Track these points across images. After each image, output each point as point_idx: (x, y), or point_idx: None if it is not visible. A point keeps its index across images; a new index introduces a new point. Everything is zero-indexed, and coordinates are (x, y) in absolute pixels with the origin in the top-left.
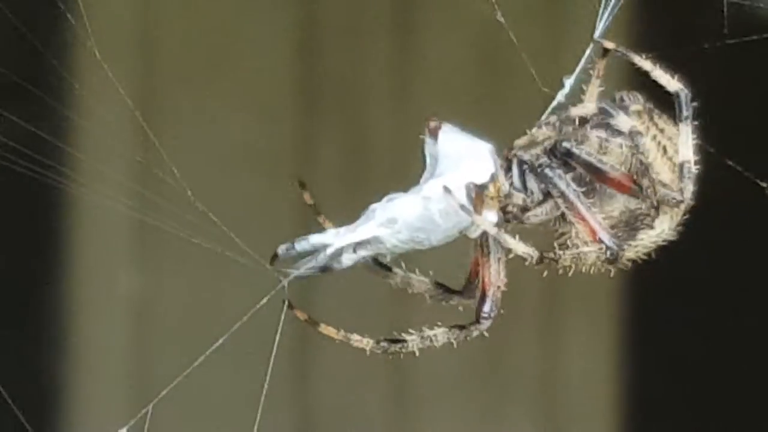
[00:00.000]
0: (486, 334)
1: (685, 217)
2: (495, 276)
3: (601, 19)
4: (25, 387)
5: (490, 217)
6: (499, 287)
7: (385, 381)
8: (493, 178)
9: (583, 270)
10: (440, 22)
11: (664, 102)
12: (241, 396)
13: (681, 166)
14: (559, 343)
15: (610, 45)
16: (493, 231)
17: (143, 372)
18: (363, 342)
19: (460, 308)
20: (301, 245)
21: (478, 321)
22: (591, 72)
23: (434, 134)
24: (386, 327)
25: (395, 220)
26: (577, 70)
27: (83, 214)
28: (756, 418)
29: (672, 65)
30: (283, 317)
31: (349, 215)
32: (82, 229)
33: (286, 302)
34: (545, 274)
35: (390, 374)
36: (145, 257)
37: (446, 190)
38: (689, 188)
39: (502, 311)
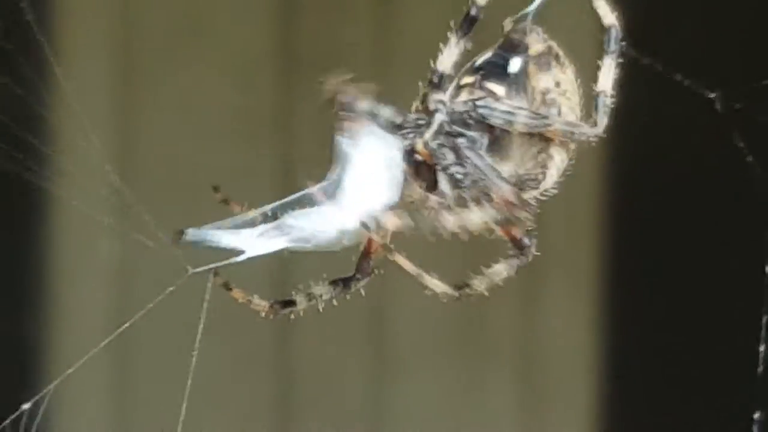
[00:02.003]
0: (363, 291)
1: (567, 172)
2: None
3: None
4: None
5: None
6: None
7: (365, 344)
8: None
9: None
10: None
11: None
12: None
13: (597, 96)
14: (539, 308)
15: None
16: (413, 271)
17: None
18: (260, 305)
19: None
20: (212, 241)
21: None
22: None
23: (352, 136)
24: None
25: (308, 240)
26: None
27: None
28: (731, 385)
29: None
30: (209, 285)
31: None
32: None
33: (213, 271)
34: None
35: (371, 338)
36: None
37: (365, 226)
38: (604, 121)
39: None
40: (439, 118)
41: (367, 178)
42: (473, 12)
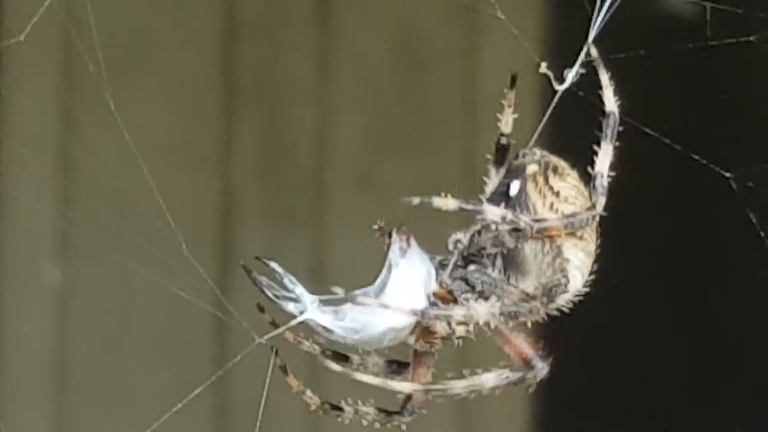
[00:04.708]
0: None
1: (593, 272)
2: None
3: (595, 23)
4: None
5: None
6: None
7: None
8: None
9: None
10: (360, 19)
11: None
12: None
13: (594, 177)
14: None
15: (594, 53)
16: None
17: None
18: (312, 399)
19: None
20: (288, 280)
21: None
22: (503, 102)
23: (403, 249)
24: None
25: (357, 332)
26: (577, 64)
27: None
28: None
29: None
30: (271, 364)
31: (268, 207)
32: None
33: (274, 350)
34: None
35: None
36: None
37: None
38: (601, 201)
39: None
40: (457, 256)
41: (409, 285)
42: (503, 141)
